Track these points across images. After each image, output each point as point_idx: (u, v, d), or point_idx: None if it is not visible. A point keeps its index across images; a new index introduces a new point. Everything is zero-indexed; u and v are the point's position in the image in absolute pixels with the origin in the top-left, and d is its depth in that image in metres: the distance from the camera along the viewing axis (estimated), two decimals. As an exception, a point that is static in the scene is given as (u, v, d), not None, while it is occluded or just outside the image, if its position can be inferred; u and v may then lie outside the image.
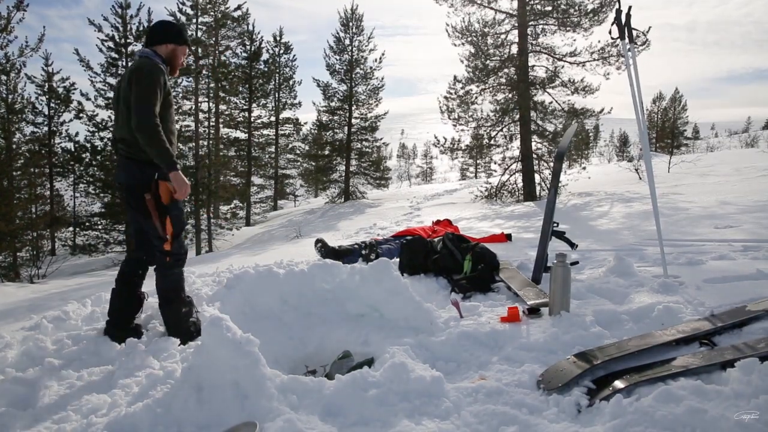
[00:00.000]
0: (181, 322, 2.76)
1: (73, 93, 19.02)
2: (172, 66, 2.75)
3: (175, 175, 2.52)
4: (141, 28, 17.26)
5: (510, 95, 12.62)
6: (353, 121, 19.81)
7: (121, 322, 2.79)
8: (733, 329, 2.32)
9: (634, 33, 3.44)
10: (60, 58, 23.05)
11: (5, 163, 14.33)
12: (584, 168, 14.08)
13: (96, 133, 17.51)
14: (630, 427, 1.62)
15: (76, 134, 18.20)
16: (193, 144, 17.86)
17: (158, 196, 2.61)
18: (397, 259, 3.95)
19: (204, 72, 18.70)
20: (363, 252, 4.48)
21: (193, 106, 18.35)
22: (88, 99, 17.41)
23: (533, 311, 2.73)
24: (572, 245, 4.31)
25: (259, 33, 23.98)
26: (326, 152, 20.70)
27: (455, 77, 12.87)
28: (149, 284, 2.89)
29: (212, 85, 19.71)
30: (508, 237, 5.27)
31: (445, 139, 13.55)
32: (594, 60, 11.72)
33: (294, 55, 27.12)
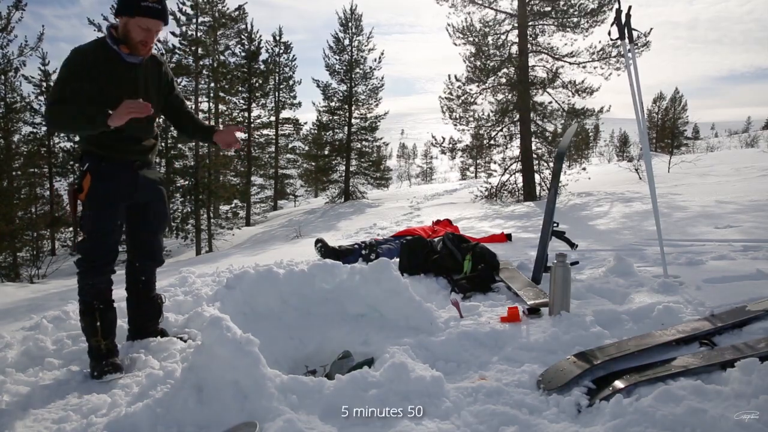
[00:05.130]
0: (87, 339, 2.43)
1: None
2: (128, 44, 2.27)
3: (113, 116, 2.12)
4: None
5: (510, 95, 12.62)
6: (353, 121, 19.81)
7: (143, 331, 2.70)
8: (733, 329, 2.32)
9: (635, 33, 3.44)
10: (57, 58, 23.08)
11: (5, 163, 14.34)
12: (584, 168, 14.09)
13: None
14: (630, 427, 1.61)
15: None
16: (193, 144, 17.86)
17: (81, 188, 2.33)
18: (397, 259, 3.95)
19: (203, 72, 18.70)
20: (363, 252, 4.48)
21: (193, 106, 18.36)
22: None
23: (533, 311, 2.73)
24: (572, 245, 4.31)
25: (258, 32, 24.00)
26: (326, 152, 20.70)
27: (455, 77, 12.88)
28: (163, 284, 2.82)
29: (212, 85, 19.71)
30: (508, 237, 5.27)
31: (444, 139, 13.56)
32: (594, 60, 11.73)
33: (293, 55, 27.15)
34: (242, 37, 22.95)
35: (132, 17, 2.23)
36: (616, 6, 3.47)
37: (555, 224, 3.62)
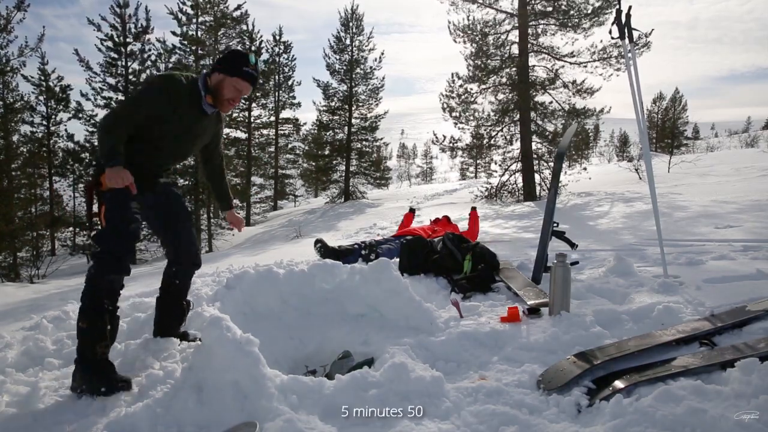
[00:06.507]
0: (79, 341, 2.24)
1: (71, 92, 19.03)
2: (216, 98, 2.49)
3: (109, 171, 2.21)
4: (140, 28, 17.26)
5: (510, 95, 12.61)
6: (353, 121, 19.80)
7: (165, 331, 2.71)
8: (733, 329, 2.32)
9: (635, 33, 3.44)
10: (55, 57, 23.07)
11: (5, 163, 14.35)
12: (585, 168, 14.09)
13: (96, 133, 17.46)
14: (630, 427, 1.62)
15: (72, 135, 18.15)
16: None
17: (99, 182, 2.35)
18: (397, 259, 3.95)
19: (204, 72, 18.68)
20: (363, 252, 4.47)
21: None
22: (87, 99, 17.39)
23: (533, 311, 2.73)
24: (572, 245, 4.31)
25: (258, 32, 23.97)
26: (326, 152, 20.70)
27: (456, 74, 12.85)
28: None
29: (212, 84, 19.65)
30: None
31: (444, 137, 13.55)
32: (595, 61, 11.72)
33: (293, 55, 27.14)
34: (243, 37, 22.93)
35: (230, 77, 2.43)
36: (617, 5, 3.48)
37: (555, 224, 3.63)
